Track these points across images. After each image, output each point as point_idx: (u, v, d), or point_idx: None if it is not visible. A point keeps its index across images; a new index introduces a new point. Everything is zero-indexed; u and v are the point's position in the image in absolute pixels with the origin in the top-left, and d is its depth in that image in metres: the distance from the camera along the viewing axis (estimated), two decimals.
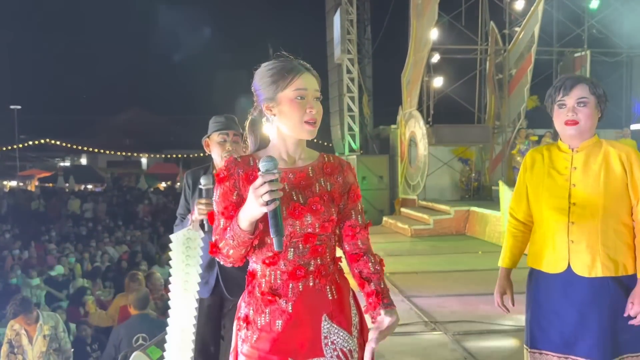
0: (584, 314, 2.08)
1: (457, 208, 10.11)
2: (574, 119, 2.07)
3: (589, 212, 2.07)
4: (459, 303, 5.29)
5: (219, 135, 2.69)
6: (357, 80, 14.43)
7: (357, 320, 1.74)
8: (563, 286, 2.12)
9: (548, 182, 2.17)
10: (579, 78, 2.13)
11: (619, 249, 2.07)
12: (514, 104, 11.75)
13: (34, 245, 11.43)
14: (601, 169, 2.08)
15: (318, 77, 1.69)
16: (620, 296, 2.06)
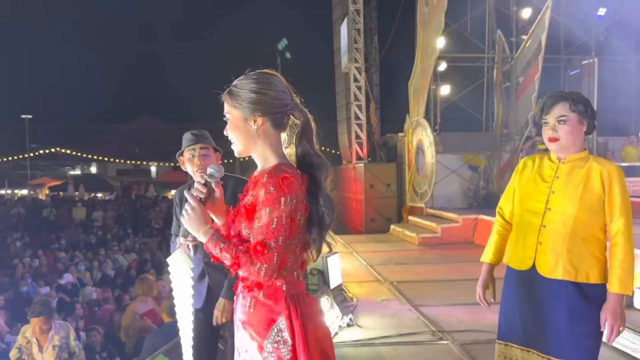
0: (543, 312, 2.23)
1: (465, 216, 10.09)
2: (554, 136, 2.25)
3: (561, 219, 2.22)
4: (466, 312, 5.27)
5: (187, 152, 2.84)
6: (364, 88, 14.47)
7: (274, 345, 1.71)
8: (527, 284, 2.29)
9: (532, 187, 2.34)
10: (559, 96, 2.27)
11: (583, 257, 2.20)
12: (521, 111, 11.71)
13: (44, 254, 11.52)
14: (581, 181, 2.21)
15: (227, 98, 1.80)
16: (579, 301, 2.18)
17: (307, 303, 1.75)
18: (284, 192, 1.62)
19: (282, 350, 1.68)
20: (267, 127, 1.75)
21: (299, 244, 1.74)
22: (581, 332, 2.16)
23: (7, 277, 9.96)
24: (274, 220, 1.62)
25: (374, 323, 4.99)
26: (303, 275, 1.81)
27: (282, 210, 1.62)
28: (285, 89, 1.79)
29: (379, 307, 5.60)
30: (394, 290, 6.28)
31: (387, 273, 7.27)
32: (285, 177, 1.64)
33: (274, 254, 1.62)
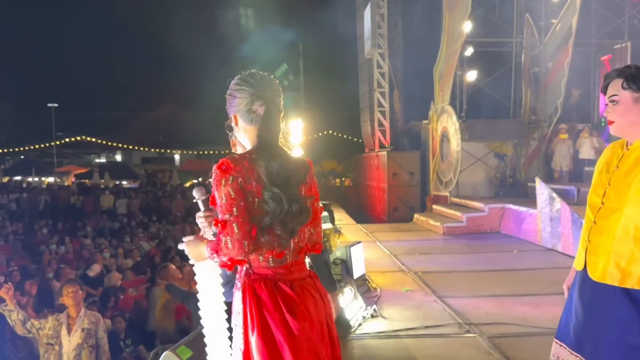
0: (592, 317, 2.03)
1: (492, 205, 9.88)
2: (609, 119, 2.05)
3: (612, 215, 1.99)
4: (494, 304, 5.14)
5: None
6: (387, 75, 14.26)
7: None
8: (580, 285, 2.11)
9: (596, 178, 2.14)
10: (615, 73, 2.05)
11: (635, 260, 1.93)
12: (550, 97, 11.41)
13: (70, 241, 11.65)
14: (638, 172, 1.96)
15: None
16: (627, 310, 1.94)
17: (271, 289, 1.80)
18: (223, 174, 1.77)
19: (238, 330, 1.82)
20: (241, 123, 1.94)
21: (256, 227, 1.78)
22: (631, 343, 1.93)
23: (34, 263, 10.08)
24: (222, 197, 1.75)
25: (399, 314, 4.88)
26: (278, 261, 1.84)
27: (226, 187, 1.75)
28: (250, 87, 1.91)
29: (403, 297, 5.50)
30: (418, 281, 6.16)
31: (411, 263, 7.15)
32: (222, 163, 1.79)
33: (232, 224, 1.72)
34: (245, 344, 1.80)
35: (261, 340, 1.76)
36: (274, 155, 1.86)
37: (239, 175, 1.77)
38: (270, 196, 1.80)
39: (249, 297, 1.81)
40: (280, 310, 1.79)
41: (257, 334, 1.76)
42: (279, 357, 1.77)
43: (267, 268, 1.85)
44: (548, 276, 6.33)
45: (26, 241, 12.32)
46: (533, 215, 8.56)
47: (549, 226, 7.97)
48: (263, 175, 1.81)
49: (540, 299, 5.26)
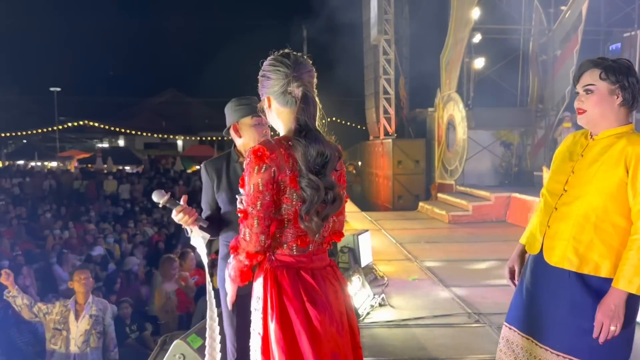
0: (545, 300, 2.07)
1: (498, 194, 9.82)
2: (580, 107, 2.04)
3: (573, 202, 2.02)
4: (502, 294, 5.07)
5: (253, 119, 2.53)
6: (393, 61, 14.13)
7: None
8: (535, 268, 2.12)
9: (558, 166, 2.16)
10: (592, 63, 2.04)
11: (594, 246, 1.97)
12: (558, 86, 11.28)
13: (73, 226, 11.64)
14: (605, 161, 1.98)
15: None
16: (582, 294, 1.98)
17: (292, 277, 1.78)
18: (257, 162, 1.71)
19: (257, 316, 1.81)
20: (276, 106, 1.86)
21: (286, 215, 1.77)
22: (583, 327, 1.96)
23: (38, 248, 10.08)
24: (251, 187, 1.72)
25: (406, 303, 4.85)
26: (301, 249, 1.81)
27: (257, 177, 1.71)
28: (285, 68, 1.82)
29: (410, 286, 5.46)
30: (425, 270, 6.12)
31: (418, 251, 7.11)
32: (258, 149, 1.73)
33: (254, 218, 1.71)
34: (264, 330, 1.79)
35: (280, 327, 1.74)
36: (312, 140, 1.78)
37: (273, 163, 1.72)
38: (307, 184, 1.75)
39: (270, 284, 1.79)
40: (300, 298, 1.77)
41: (276, 321, 1.75)
42: (296, 346, 1.74)
43: (290, 256, 1.82)
44: None
45: (30, 226, 12.31)
46: None
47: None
48: (300, 161, 1.75)
49: None
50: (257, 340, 1.81)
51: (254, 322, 1.84)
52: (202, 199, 2.64)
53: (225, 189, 2.52)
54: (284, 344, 1.73)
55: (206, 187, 2.61)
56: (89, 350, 4.56)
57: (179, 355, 2.66)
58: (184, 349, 2.66)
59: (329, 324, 1.78)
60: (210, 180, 2.58)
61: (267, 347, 1.78)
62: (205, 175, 2.60)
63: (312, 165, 1.76)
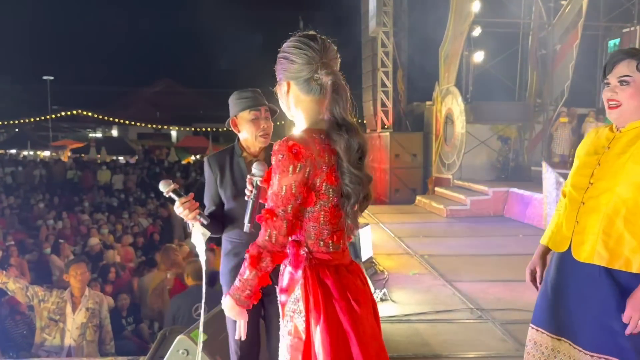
0: (576, 300, 1.99)
1: (496, 189, 9.78)
2: (614, 99, 1.95)
3: (602, 195, 1.94)
4: (504, 289, 5.06)
5: (251, 113, 2.46)
6: (391, 54, 14.03)
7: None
8: (563, 267, 2.05)
9: (583, 160, 2.08)
10: (626, 53, 1.95)
11: (624, 241, 1.89)
12: (557, 81, 11.25)
13: (67, 216, 11.53)
14: (634, 152, 1.91)
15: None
16: (612, 292, 1.90)
17: (330, 275, 1.69)
18: (292, 160, 1.59)
19: (298, 319, 1.68)
20: (296, 92, 1.73)
21: (323, 212, 1.68)
22: (614, 328, 1.89)
23: (31, 238, 9.97)
24: (283, 188, 1.60)
25: (408, 298, 4.80)
26: (336, 246, 1.73)
27: (292, 178, 1.60)
28: (312, 53, 1.69)
29: (411, 281, 5.41)
30: (425, 264, 6.08)
31: (417, 246, 7.06)
32: (294, 145, 1.60)
33: (283, 221, 1.61)
34: (307, 334, 1.67)
35: (327, 330, 1.63)
36: (353, 133, 1.68)
37: (309, 162, 1.61)
38: (350, 179, 1.66)
39: (311, 284, 1.68)
40: (346, 297, 1.67)
41: (324, 323, 1.63)
42: (346, 347, 1.64)
43: (328, 253, 1.71)
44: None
45: (23, 215, 12.19)
46: (538, 199, 8.47)
47: (554, 211, 7.87)
48: (343, 156, 1.65)
49: None
50: (297, 344, 1.69)
51: (290, 324, 1.71)
52: (205, 195, 2.57)
53: (229, 185, 2.46)
54: (331, 349, 1.62)
55: (209, 182, 2.54)
56: (85, 343, 4.50)
57: (182, 351, 2.60)
58: (188, 345, 2.60)
59: (373, 322, 1.72)
60: (213, 175, 2.51)
61: (309, 352, 1.67)
62: (209, 170, 2.54)
63: (353, 159, 1.67)
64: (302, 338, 1.67)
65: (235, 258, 2.50)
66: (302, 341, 1.67)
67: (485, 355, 3.59)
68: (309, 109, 1.74)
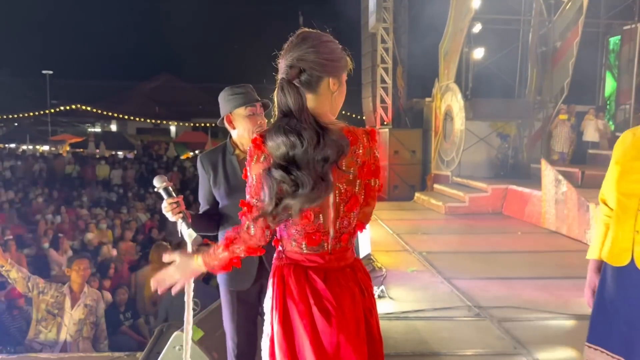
0: (638, 316, 1.86)
1: (495, 186, 9.78)
2: None
3: None
4: (502, 287, 5.06)
5: (247, 109, 2.44)
6: (391, 50, 13.98)
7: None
8: (625, 281, 1.91)
9: (627, 165, 1.94)
10: None
11: None
12: (557, 78, 11.22)
13: (66, 210, 11.51)
14: None
15: None
16: None
17: (300, 277, 1.65)
18: (253, 152, 1.62)
19: (268, 315, 1.70)
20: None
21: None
22: None
23: (30, 232, 9.95)
24: (252, 177, 1.62)
25: (406, 295, 4.80)
26: (312, 248, 1.68)
27: (256, 168, 1.61)
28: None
29: (409, 278, 5.41)
30: (423, 261, 6.07)
31: (415, 243, 7.06)
32: (255, 139, 1.63)
33: (256, 211, 1.60)
34: (272, 331, 1.68)
35: (282, 330, 1.64)
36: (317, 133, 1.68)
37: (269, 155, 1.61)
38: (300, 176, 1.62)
39: (277, 282, 1.68)
40: (306, 302, 1.63)
41: (279, 322, 1.64)
42: (299, 351, 1.62)
43: (300, 254, 1.69)
44: (554, 259, 6.27)
45: (21, 210, 12.16)
46: (537, 197, 8.47)
47: (553, 208, 7.88)
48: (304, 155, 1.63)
49: (547, 283, 5.19)
50: (265, 341, 1.72)
51: (265, 322, 1.73)
52: (199, 193, 2.55)
53: (223, 183, 2.44)
54: (286, 348, 1.63)
55: (203, 181, 2.52)
56: (81, 339, 4.49)
57: (178, 347, 2.59)
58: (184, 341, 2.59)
59: (336, 333, 1.62)
60: (206, 174, 2.49)
61: (272, 350, 1.67)
62: (202, 169, 2.51)
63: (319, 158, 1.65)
64: (269, 334, 1.69)
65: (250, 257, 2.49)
66: (269, 337, 1.69)
67: (482, 353, 3.58)
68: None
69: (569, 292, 4.83)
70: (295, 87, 1.61)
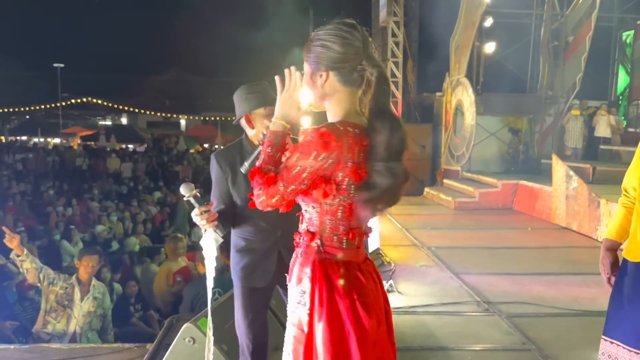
0: None
1: (505, 181, 9.72)
2: None
3: None
4: (510, 282, 5.04)
5: (267, 109, 2.37)
6: (402, 44, 13.91)
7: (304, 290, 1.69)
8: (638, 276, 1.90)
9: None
10: None
11: None
12: (569, 73, 11.13)
13: (77, 203, 11.60)
14: None
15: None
16: None
17: (338, 271, 1.64)
18: (317, 148, 1.55)
19: (302, 311, 1.66)
20: (334, 83, 1.67)
21: (341, 207, 1.64)
22: None
23: (41, 224, 10.05)
24: (297, 167, 1.57)
25: (415, 290, 4.79)
26: (350, 243, 1.68)
27: (310, 163, 1.56)
28: (358, 43, 1.65)
29: (418, 273, 5.40)
30: (432, 256, 6.06)
31: (424, 238, 7.05)
32: (325, 134, 1.55)
33: (277, 194, 1.59)
34: (309, 327, 1.64)
35: (329, 327, 1.60)
36: (397, 125, 1.62)
37: (335, 155, 1.55)
38: (384, 170, 1.59)
39: (318, 278, 1.64)
40: (351, 296, 1.62)
41: (326, 320, 1.60)
42: (344, 348, 1.60)
43: (340, 249, 1.67)
44: (563, 255, 6.23)
45: (33, 202, 12.28)
46: (548, 192, 8.42)
47: (564, 204, 7.83)
48: (382, 148, 1.59)
49: (557, 279, 5.16)
50: (299, 336, 1.67)
51: (295, 315, 1.69)
52: (213, 193, 2.48)
53: (243, 184, 2.38)
54: (331, 346, 1.59)
55: (219, 181, 2.44)
56: (89, 331, 4.53)
57: (188, 339, 2.61)
58: (194, 333, 2.61)
59: (377, 325, 1.64)
60: (224, 174, 2.43)
61: (310, 346, 1.63)
62: (218, 168, 2.44)
63: (393, 152, 1.61)
64: (304, 330, 1.65)
65: (248, 255, 2.45)
66: (304, 334, 1.65)
67: (491, 348, 3.58)
68: (345, 100, 1.68)
69: (578, 289, 4.81)
70: None
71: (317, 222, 1.67)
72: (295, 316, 1.69)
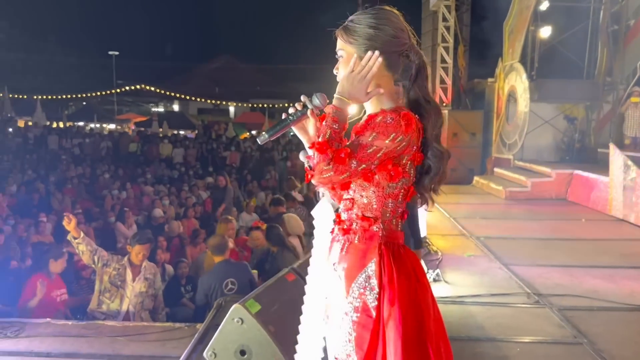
0: None
1: (559, 170, 9.41)
2: None
3: None
4: (563, 275, 4.91)
5: None
6: (453, 29, 13.58)
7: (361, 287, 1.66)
8: None
9: None
10: None
11: None
12: (629, 58, 10.59)
13: (131, 187, 11.99)
14: None
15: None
16: None
17: (402, 254, 1.67)
18: (398, 129, 1.56)
19: (368, 296, 1.63)
20: (382, 67, 1.66)
21: (402, 190, 1.68)
22: None
23: (97, 207, 10.44)
24: (373, 146, 1.56)
25: (462, 280, 4.73)
26: (402, 225, 1.73)
27: (386, 144, 1.56)
28: (403, 28, 1.70)
29: (465, 263, 5.33)
30: (481, 246, 5.96)
31: (473, 227, 6.93)
32: (406, 115, 1.59)
33: (347, 171, 1.54)
34: (378, 312, 1.62)
35: (401, 309, 1.58)
36: (438, 109, 1.72)
37: (408, 138, 1.59)
38: (434, 153, 1.69)
39: (386, 262, 1.63)
40: (413, 278, 1.65)
41: (398, 302, 1.58)
42: (417, 327, 1.59)
43: (397, 232, 1.70)
44: (619, 248, 6.01)
45: (89, 185, 12.77)
46: (604, 183, 8.10)
47: (621, 195, 7.52)
48: (429, 131, 1.68)
49: (612, 272, 4.99)
50: (365, 321, 1.63)
51: (357, 302, 1.65)
52: None
53: None
54: (402, 327, 1.57)
55: None
56: (142, 311, 4.68)
57: (237, 320, 2.67)
58: (243, 314, 2.66)
59: (434, 306, 1.68)
60: None
61: (377, 331, 1.61)
62: None
63: (437, 134, 1.71)
64: (372, 316, 1.62)
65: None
66: (372, 319, 1.62)
67: (541, 341, 3.50)
68: (389, 85, 1.71)
69: (634, 282, 4.64)
70: None
71: (376, 206, 1.68)
72: (357, 302, 1.65)
